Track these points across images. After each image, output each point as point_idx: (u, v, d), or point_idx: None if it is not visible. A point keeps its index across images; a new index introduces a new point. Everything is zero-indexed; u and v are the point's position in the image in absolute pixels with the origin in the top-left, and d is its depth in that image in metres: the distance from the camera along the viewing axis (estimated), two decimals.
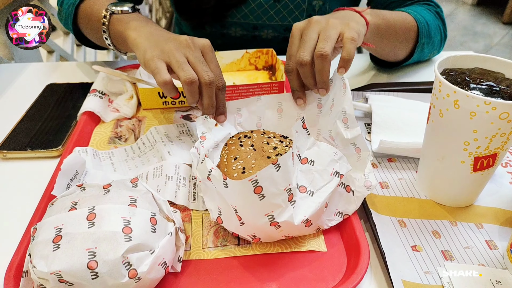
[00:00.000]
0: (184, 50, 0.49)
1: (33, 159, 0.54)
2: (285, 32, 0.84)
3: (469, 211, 0.46)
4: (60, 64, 0.81)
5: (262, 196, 0.36)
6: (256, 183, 0.36)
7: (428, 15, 0.70)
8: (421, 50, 0.70)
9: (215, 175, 0.39)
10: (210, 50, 0.51)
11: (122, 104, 0.62)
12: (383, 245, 0.40)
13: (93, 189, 0.39)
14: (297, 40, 0.52)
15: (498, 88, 0.40)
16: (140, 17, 0.58)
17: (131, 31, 0.54)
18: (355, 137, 0.46)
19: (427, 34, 0.68)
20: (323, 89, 0.51)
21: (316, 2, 0.79)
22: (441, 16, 0.73)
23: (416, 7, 0.71)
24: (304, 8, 0.80)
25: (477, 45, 2.68)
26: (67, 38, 1.13)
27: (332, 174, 0.41)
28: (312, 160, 0.42)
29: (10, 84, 0.72)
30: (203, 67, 0.49)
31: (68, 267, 0.32)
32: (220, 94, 0.51)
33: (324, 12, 0.81)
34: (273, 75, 0.71)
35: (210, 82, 0.48)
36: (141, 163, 0.52)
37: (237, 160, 0.42)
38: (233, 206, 0.38)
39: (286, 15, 0.81)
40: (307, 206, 0.40)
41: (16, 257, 0.38)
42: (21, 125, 0.59)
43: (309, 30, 0.51)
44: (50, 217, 0.36)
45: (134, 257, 0.34)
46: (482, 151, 0.40)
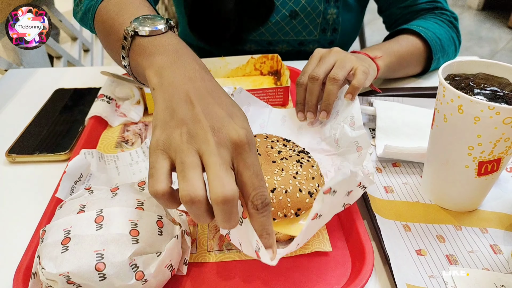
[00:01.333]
0: (201, 144, 0.31)
1: (41, 163, 0.55)
2: (299, 46, 0.85)
3: (474, 216, 0.46)
4: (68, 70, 0.83)
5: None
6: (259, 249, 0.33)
7: (440, 28, 0.71)
8: (437, 63, 0.72)
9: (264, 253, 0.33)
10: (247, 149, 0.32)
11: (129, 109, 0.62)
12: (387, 249, 0.40)
13: (101, 192, 0.40)
14: (315, 62, 0.58)
15: (502, 93, 0.40)
16: (170, 46, 0.40)
17: (153, 73, 0.38)
18: (359, 136, 0.47)
19: (440, 49, 0.70)
20: (325, 112, 0.55)
21: (330, 16, 0.80)
22: (455, 25, 0.75)
23: (427, 22, 0.72)
24: (318, 22, 0.81)
25: (482, 50, 2.67)
26: (74, 44, 1.15)
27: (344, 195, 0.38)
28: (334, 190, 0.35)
29: (19, 89, 0.74)
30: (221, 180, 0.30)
31: (76, 268, 0.33)
32: (259, 215, 0.32)
33: (338, 24, 0.82)
34: (278, 80, 0.71)
35: (224, 201, 0.29)
36: (145, 168, 0.53)
37: None
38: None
39: (301, 30, 0.82)
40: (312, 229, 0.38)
41: (25, 259, 0.39)
42: (30, 130, 0.60)
43: (328, 56, 0.56)
44: (59, 220, 0.37)
45: (141, 259, 0.34)
46: (486, 156, 0.40)
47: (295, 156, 0.44)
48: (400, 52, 0.66)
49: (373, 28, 2.09)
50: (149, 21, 0.42)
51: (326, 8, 0.79)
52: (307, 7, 0.79)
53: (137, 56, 0.41)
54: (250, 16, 0.78)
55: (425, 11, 0.76)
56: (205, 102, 0.34)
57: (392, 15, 0.80)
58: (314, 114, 0.57)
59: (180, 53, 0.39)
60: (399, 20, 0.79)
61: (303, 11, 0.79)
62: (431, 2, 0.76)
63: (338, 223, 0.45)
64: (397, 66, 0.67)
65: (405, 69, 0.70)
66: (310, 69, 0.56)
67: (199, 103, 0.33)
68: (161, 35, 0.41)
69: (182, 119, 0.33)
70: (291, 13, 0.79)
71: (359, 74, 0.54)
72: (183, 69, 0.37)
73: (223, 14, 0.76)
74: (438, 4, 0.76)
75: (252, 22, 0.80)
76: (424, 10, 0.76)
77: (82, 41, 1.18)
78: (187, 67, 0.37)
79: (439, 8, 0.76)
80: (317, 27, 0.82)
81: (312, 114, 0.56)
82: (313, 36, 0.83)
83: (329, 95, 0.54)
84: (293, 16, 0.80)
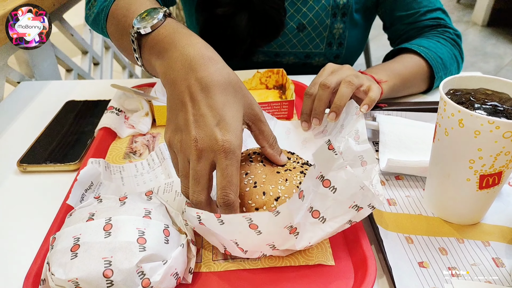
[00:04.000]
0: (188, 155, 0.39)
1: (51, 173, 0.57)
2: (305, 59, 0.87)
3: (476, 229, 0.46)
4: (79, 82, 0.85)
5: (259, 232, 0.37)
6: (251, 220, 0.36)
7: (441, 47, 0.73)
8: (439, 82, 0.72)
9: (206, 218, 0.37)
10: (223, 156, 0.37)
11: (137, 120, 0.64)
12: (390, 260, 0.41)
13: (109, 201, 0.41)
14: (326, 74, 0.59)
15: (502, 108, 0.41)
16: (168, 38, 0.44)
17: (160, 72, 0.44)
18: (363, 150, 0.46)
19: (442, 67, 0.71)
20: (334, 113, 0.55)
21: (336, 30, 0.82)
22: (457, 42, 0.76)
23: (429, 41, 0.74)
24: (325, 35, 0.83)
25: (487, 65, 2.68)
26: (85, 57, 1.18)
27: (351, 207, 0.39)
28: (334, 186, 0.38)
29: (31, 101, 0.76)
30: (192, 188, 0.39)
31: (85, 275, 0.34)
32: (222, 211, 0.39)
33: (344, 39, 0.84)
34: (283, 94, 0.73)
35: (196, 204, 0.39)
36: (149, 179, 0.54)
37: (248, 175, 0.43)
38: (233, 240, 0.38)
39: (307, 43, 0.84)
40: (314, 233, 0.39)
41: (34, 265, 0.40)
42: (41, 140, 0.62)
43: (341, 70, 0.58)
44: (68, 227, 0.38)
45: (147, 267, 0.35)
46: (487, 169, 0.41)
47: (299, 168, 0.45)
48: (404, 74, 0.68)
49: (378, 44, 2.11)
50: (148, 17, 0.46)
51: (332, 23, 0.81)
52: (314, 20, 0.81)
53: (146, 56, 0.47)
54: (260, 34, 0.80)
55: (428, 27, 0.77)
56: (197, 105, 0.39)
57: (396, 31, 0.82)
58: (320, 121, 0.57)
59: (177, 43, 0.43)
60: (403, 36, 0.81)
61: (310, 24, 0.81)
62: (435, 19, 0.77)
63: (341, 234, 0.45)
64: (401, 88, 0.68)
65: (408, 90, 0.71)
66: (320, 79, 0.57)
67: (192, 106, 0.39)
68: (161, 27, 0.45)
69: (178, 125, 0.40)
70: (298, 25, 0.82)
71: (375, 88, 0.56)
72: (180, 61, 0.41)
73: (235, 34, 0.78)
74: (441, 22, 0.77)
75: (262, 39, 0.82)
76: (428, 27, 0.77)
77: (92, 55, 1.21)
78: (184, 57, 0.41)
79: (442, 25, 0.77)
80: (324, 41, 0.84)
81: (318, 120, 0.57)
82: (319, 49, 0.85)
83: (342, 97, 0.54)
84: (301, 29, 0.82)
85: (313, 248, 0.43)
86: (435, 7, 0.78)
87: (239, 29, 0.78)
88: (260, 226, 0.36)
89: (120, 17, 0.53)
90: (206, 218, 0.37)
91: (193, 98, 0.39)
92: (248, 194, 0.41)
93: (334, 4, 0.80)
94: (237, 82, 0.41)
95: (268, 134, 0.44)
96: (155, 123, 0.66)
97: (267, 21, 0.78)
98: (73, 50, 1.17)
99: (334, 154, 0.37)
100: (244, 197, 0.41)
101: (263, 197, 0.40)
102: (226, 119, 0.38)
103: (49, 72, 0.96)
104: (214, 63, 0.41)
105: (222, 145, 0.37)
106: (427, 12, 0.77)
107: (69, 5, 1.03)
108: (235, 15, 0.77)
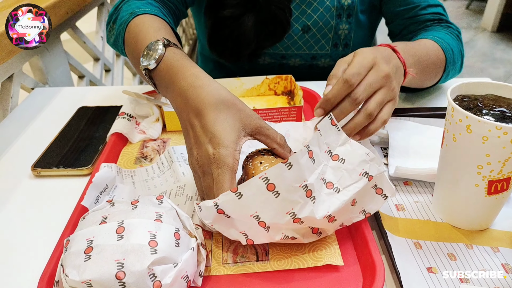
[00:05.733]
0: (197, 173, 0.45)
1: (65, 177, 0.58)
2: (311, 60, 0.88)
3: (485, 235, 0.46)
4: (91, 89, 0.87)
5: (276, 193, 0.37)
6: (267, 180, 0.37)
7: (452, 40, 0.71)
8: (445, 76, 0.72)
9: (224, 200, 0.39)
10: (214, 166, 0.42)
11: (148, 126, 0.65)
12: (398, 266, 0.41)
13: (121, 204, 0.42)
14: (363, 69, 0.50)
15: (510, 114, 0.41)
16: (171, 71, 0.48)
17: (170, 102, 0.50)
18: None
19: (452, 62, 0.70)
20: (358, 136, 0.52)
21: (341, 31, 0.83)
22: (460, 38, 0.75)
23: (439, 33, 0.72)
24: (330, 37, 0.84)
25: (497, 71, 2.67)
26: (96, 64, 1.20)
27: (361, 174, 0.42)
28: (343, 158, 0.43)
29: (44, 107, 0.77)
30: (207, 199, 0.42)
31: (98, 276, 0.35)
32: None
33: (350, 40, 0.84)
34: (291, 100, 0.73)
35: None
36: (159, 184, 0.55)
37: (262, 164, 0.45)
38: (253, 215, 0.39)
39: (313, 44, 0.85)
40: (331, 203, 0.41)
41: (48, 267, 0.41)
42: (55, 145, 0.63)
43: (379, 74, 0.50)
44: (82, 230, 0.39)
45: (159, 269, 0.36)
46: (495, 175, 0.41)
47: None
48: (423, 55, 0.63)
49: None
50: (151, 52, 0.51)
51: (338, 24, 0.82)
52: (319, 21, 0.82)
53: (159, 88, 0.52)
54: (266, 35, 0.81)
55: (430, 22, 0.76)
56: (195, 129, 0.44)
57: (397, 26, 0.80)
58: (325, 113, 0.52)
59: (174, 79, 0.48)
60: (404, 31, 0.79)
61: (315, 25, 0.82)
62: (436, 14, 0.76)
63: (350, 239, 0.46)
64: (419, 82, 0.66)
65: (425, 75, 0.67)
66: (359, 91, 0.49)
67: (192, 131, 0.45)
68: (161, 62, 0.50)
69: (188, 149, 0.46)
70: (303, 27, 0.82)
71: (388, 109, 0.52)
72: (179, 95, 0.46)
73: (241, 35, 0.79)
74: (442, 17, 0.76)
75: (269, 40, 0.83)
76: (429, 21, 0.76)
77: (104, 62, 1.23)
78: (180, 91, 0.46)
79: (444, 20, 0.76)
80: (329, 42, 0.84)
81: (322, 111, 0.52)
82: (325, 50, 0.86)
83: (368, 133, 0.52)
84: (306, 31, 0.83)
85: (322, 250, 0.44)
86: (436, 3, 0.77)
87: (246, 30, 0.79)
88: (277, 184, 0.37)
89: (132, 48, 0.58)
90: (224, 200, 0.39)
91: (192, 124, 0.44)
92: None
93: (339, 5, 0.80)
94: (229, 99, 0.44)
95: (274, 135, 0.46)
96: (166, 128, 0.67)
97: (273, 22, 0.79)
98: (85, 57, 1.19)
99: (337, 130, 0.43)
100: None
101: None
102: (216, 134, 0.42)
103: (62, 79, 0.98)
104: (205, 89, 0.45)
105: (213, 157, 0.41)
106: (428, 6, 0.76)
107: (81, 13, 1.06)
108: (241, 17, 0.78)
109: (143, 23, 0.59)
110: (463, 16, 3.57)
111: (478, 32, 3.25)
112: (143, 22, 0.59)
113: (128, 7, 0.64)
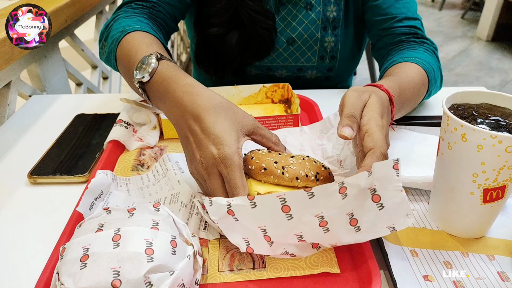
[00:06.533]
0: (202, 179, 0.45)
1: (61, 184, 0.58)
2: (298, 72, 0.88)
3: (481, 243, 0.46)
4: (88, 96, 0.87)
5: (290, 216, 0.38)
6: (284, 201, 0.37)
7: (431, 58, 0.69)
8: (427, 96, 0.70)
9: (237, 203, 0.39)
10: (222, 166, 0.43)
11: (145, 134, 0.65)
12: (395, 273, 0.41)
13: (118, 212, 0.42)
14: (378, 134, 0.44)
15: (504, 123, 0.42)
16: (165, 83, 0.50)
17: (162, 107, 0.52)
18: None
19: (434, 81, 0.68)
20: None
21: (327, 43, 0.83)
22: (437, 55, 0.73)
23: (417, 52, 0.69)
24: (316, 49, 0.84)
25: (492, 80, 2.69)
26: (94, 71, 1.20)
27: (388, 227, 0.39)
28: (383, 204, 0.37)
29: (42, 114, 0.77)
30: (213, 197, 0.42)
31: (94, 285, 0.34)
32: None
33: (336, 52, 0.84)
34: (288, 108, 0.74)
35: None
36: (154, 191, 0.55)
37: (265, 155, 0.46)
38: (262, 227, 0.39)
39: (299, 56, 0.85)
40: (343, 237, 0.40)
41: (44, 275, 0.41)
42: (51, 152, 0.63)
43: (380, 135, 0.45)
44: (78, 238, 0.39)
45: (155, 277, 0.36)
46: (490, 183, 0.41)
47: (300, 157, 0.47)
48: (412, 98, 0.62)
49: None
50: (144, 65, 0.52)
51: (323, 36, 0.82)
52: (304, 34, 0.82)
53: (153, 100, 0.54)
54: (251, 53, 0.82)
55: (405, 35, 0.74)
56: (195, 134, 0.45)
57: (374, 37, 0.79)
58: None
59: (169, 89, 0.49)
60: (379, 43, 0.78)
61: (300, 38, 0.82)
62: (411, 27, 0.74)
63: (346, 247, 0.46)
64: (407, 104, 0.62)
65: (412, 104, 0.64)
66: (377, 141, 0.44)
67: (192, 136, 0.45)
68: (155, 74, 0.52)
69: (189, 156, 0.46)
70: (288, 39, 0.83)
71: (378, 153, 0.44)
72: (175, 105, 0.48)
73: (225, 52, 0.81)
74: (418, 31, 0.74)
75: (253, 58, 0.83)
76: (403, 35, 0.74)
77: (101, 69, 1.23)
78: (176, 100, 0.48)
79: (419, 35, 0.73)
80: (315, 54, 0.84)
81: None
82: (311, 62, 0.86)
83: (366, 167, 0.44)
84: (290, 43, 0.83)
85: (318, 257, 0.44)
86: (413, 17, 0.75)
87: (230, 47, 0.80)
88: (293, 208, 0.37)
89: (124, 64, 0.59)
90: (237, 204, 0.39)
91: (191, 130, 0.45)
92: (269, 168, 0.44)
93: (324, 18, 0.81)
94: (224, 103, 0.46)
95: (269, 135, 0.48)
96: (163, 136, 0.67)
97: (257, 41, 0.79)
98: (83, 65, 1.19)
99: (396, 175, 0.36)
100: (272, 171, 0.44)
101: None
102: (218, 135, 0.43)
103: (60, 86, 0.99)
104: (200, 95, 0.47)
105: (218, 157, 0.43)
106: (405, 19, 0.74)
107: (80, 21, 1.06)
108: (226, 35, 0.79)
109: (134, 40, 0.60)
110: (459, 25, 3.61)
111: (473, 41, 3.28)
112: (134, 39, 0.60)
113: (118, 25, 0.65)
